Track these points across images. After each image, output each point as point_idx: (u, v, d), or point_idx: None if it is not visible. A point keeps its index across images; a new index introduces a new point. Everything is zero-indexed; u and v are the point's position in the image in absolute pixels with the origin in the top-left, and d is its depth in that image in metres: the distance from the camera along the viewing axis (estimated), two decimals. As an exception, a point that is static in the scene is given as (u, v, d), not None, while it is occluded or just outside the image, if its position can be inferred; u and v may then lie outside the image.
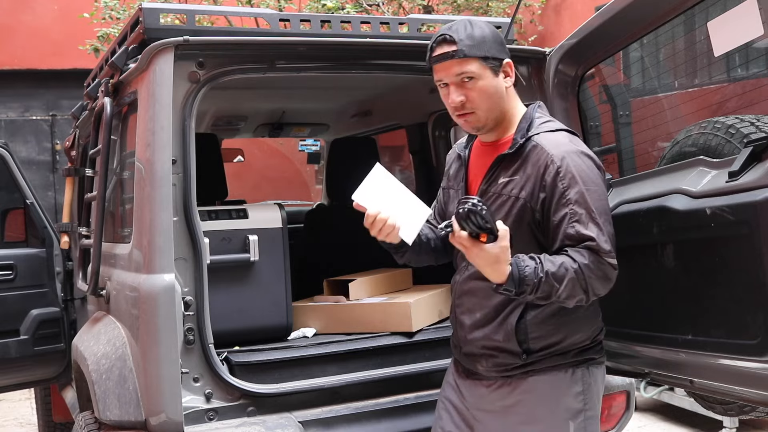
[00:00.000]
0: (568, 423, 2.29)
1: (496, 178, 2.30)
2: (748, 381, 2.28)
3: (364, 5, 7.92)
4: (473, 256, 2.09)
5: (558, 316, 2.27)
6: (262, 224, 3.09)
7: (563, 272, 2.12)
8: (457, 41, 2.21)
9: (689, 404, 5.10)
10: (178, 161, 2.57)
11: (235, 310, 2.98)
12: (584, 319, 2.33)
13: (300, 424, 2.62)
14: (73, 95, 8.61)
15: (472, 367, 2.41)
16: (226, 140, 5.26)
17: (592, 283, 2.15)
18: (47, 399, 4.78)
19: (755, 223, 2.09)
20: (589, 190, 2.19)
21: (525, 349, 2.27)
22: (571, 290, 2.13)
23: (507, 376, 2.32)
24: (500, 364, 2.31)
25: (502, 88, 2.28)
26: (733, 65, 4.89)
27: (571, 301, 2.17)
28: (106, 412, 2.55)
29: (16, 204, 4.20)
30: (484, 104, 2.26)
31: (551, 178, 2.19)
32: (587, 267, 2.13)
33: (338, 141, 4.49)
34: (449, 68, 2.24)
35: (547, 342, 2.28)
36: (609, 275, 2.18)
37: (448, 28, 2.26)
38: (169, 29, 2.71)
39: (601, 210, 2.20)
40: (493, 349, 2.31)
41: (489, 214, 2.04)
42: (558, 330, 2.28)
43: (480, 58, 2.22)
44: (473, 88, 2.24)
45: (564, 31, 6.84)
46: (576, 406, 2.30)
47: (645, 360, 2.68)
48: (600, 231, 2.16)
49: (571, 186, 2.18)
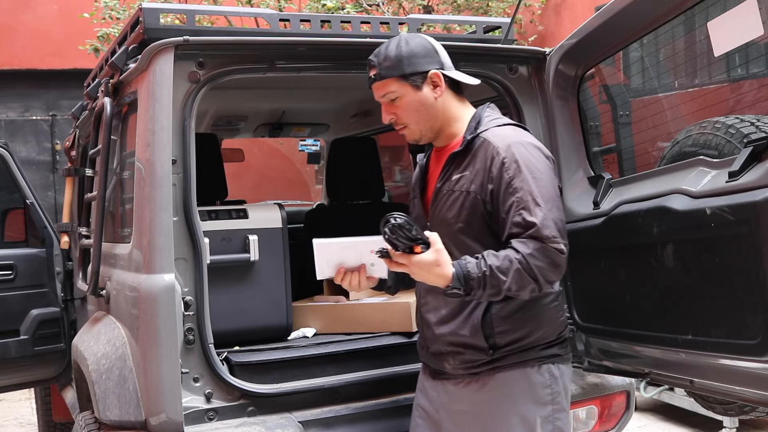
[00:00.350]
0: (536, 417, 2.33)
1: (450, 176, 2.37)
2: (748, 381, 2.28)
3: (364, 5, 7.92)
4: (414, 271, 2.17)
5: (523, 311, 2.32)
6: (262, 224, 3.10)
7: (508, 264, 2.16)
8: (376, 65, 2.36)
9: (689, 404, 5.10)
10: (178, 161, 2.57)
11: (235, 310, 2.98)
12: (549, 313, 2.38)
13: (300, 424, 2.62)
14: (73, 95, 8.61)
15: (439, 367, 2.44)
16: (226, 140, 5.26)
17: (541, 271, 2.19)
18: (47, 399, 4.78)
19: (755, 223, 2.09)
20: (535, 177, 2.24)
21: (491, 345, 2.31)
22: (519, 281, 2.17)
23: (474, 373, 2.35)
24: (467, 360, 2.35)
25: (429, 100, 2.36)
26: (733, 65, 4.89)
27: (524, 292, 2.21)
28: (106, 412, 2.56)
29: (16, 204, 4.20)
30: (411, 119, 2.37)
31: (497, 169, 2.26)
32: (531, 256, 2.17)
33: (338, 141, 4.49)
34: (375, 90, 2.40)
35: (513, 337, 2.32)
36: (557, 261, 2.21)
37: (374, 52, 2.39)
38: (169, 29, 2.71)
39: (547, 197, 2.24)
40: (459, 346, 2.36)
41: (412, 225, 2.12)
42: (524, 324, 2.33)
43: (398, 77, 2.33)
44: (398, 105, 2.37)
45: (564, 31, 6.84)
46: (544, 400, 2.34)
47: (645, 360, 2.68)
48: (544, 217, 2.21)
49: (516, 175, 2.23)
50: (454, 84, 2.42)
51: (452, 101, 2.41)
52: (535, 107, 3.03)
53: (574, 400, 2.91)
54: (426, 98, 2.35)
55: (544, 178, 2.27)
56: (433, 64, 2.36)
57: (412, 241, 2.13)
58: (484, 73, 2.99)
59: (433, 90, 2.36)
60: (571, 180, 2.99)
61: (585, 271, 2.88)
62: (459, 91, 2.45)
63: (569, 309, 2.96)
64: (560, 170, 3.00)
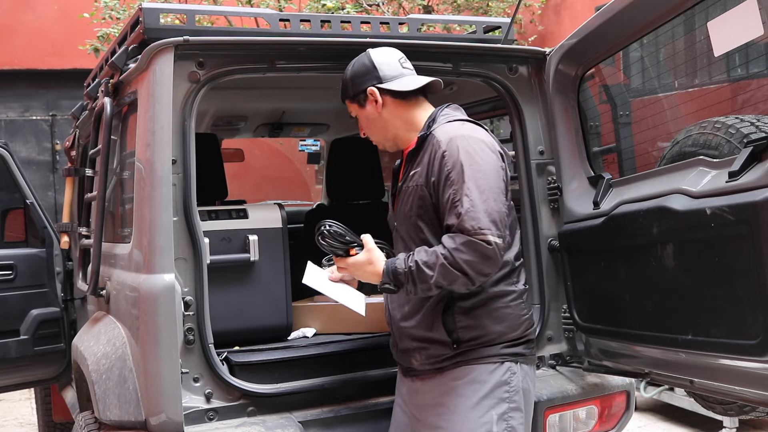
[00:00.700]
0: (492, 414, 2.36)
1: (408, 173, 2.47)
2: (748, 381, 2.29)
3: (364, 5, 7.92)
4: (353, 272, 2.41)
5: (484, 307, 2.39)
6: (262, 224, 3.09)
7: (434, 259, 2.25)
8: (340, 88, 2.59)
9: (689, 404, 5.10)
10: (178, 161, 2.57)
11: (235, 310, 2.98)
12: (510, 311, 2.43)
13: (300, 424, 2.62)
14: (73, 95, 8.61)
15: (408, 364, 2.53)
16: (226, 140, 5.26)
17: (469, 264, 2.23)
18: (47, 399, 4.78)
19: (755, 223, 2.09)
20: (472, 169, 2.29)
21: (455, 339, 2.39)
22: (446, 275, 2.24)
23: (439, 368, 2.42)
24: (432, 355, 2.43)
25: (374, 115, 2.52)
26: (733, 65, 4.89)
27: (456, 286, 2.28)
28: (106, 412, 2.55)
29: (16, 204, 4.20)
30: (369, 131, 2.58)
31: (438, 161, 2.34)
32: (457, 250, 2.23)
33: (338, 141, 4.48)
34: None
35: (475, 333, 2.39)
36: (485, 253, 2.24)
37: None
38: (169, 29, 2.70)
39: (483, 188, 2.28)
40: (424, 341, 2.44)
41: (343, 229, 2.37)
42: (485, 320, 2.39)
43: (349, 99, 2.57)
44: (359, 120, 2.59)
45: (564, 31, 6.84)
46: (501, 397, 2.38)
47: (645, 360, 2.68)
48: (470, 209, 2.24)
49: (454, 167, 2.30)
50: (401, 93, 2.50)
51: (400, 109, 2.51)
52: (535, 107, 3.03)
53: (574, 400, 2.91)
54: (370, 114, 2.52)
55: (482, 170, 2.30)
56: (371, 81, 2.50)
57: (346, 244, 2.37)
58: (484, 73, 2.99)
59: (375, 106, 2.50)
60: (571, 180, 2.99)
61: (585, 271, 2.88)
62: (409, 96, 2.51)
63: (569, 309, 2.97)
64: (560, 170, 3.01)
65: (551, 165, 3.03)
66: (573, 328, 2.98)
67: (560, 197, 3.00)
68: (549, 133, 3.03)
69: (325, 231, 2.38)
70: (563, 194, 3.00)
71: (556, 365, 3.04)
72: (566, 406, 2.91)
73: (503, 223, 2.28)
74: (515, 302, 2.44)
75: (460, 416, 2.37)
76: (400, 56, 2.56)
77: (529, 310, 2.51)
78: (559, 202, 3.01)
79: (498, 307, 2.40)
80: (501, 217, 2.28)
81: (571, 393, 2.92)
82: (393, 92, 2.49)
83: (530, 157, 3.01)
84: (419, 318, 2.45)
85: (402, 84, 2.49)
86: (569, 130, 3.00)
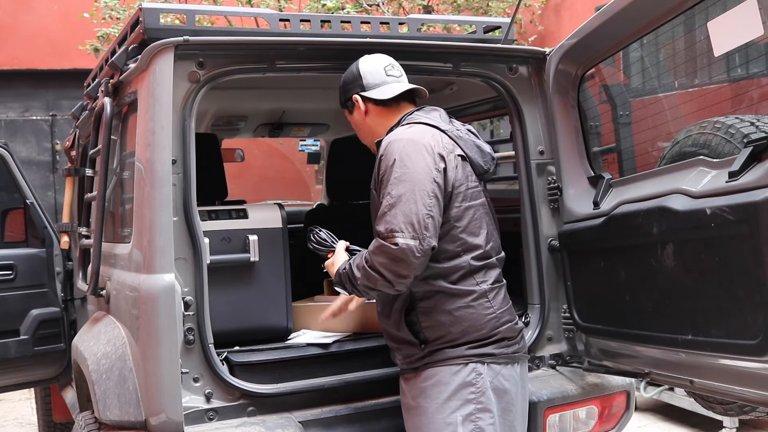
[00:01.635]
0: (456, 415, 2.40)
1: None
2: (748, 381, 2.29)
3: (364, 5, 7.92)
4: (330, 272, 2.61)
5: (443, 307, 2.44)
6: (262, 224, 3.09)
7: (360, 261, 2.41)
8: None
9: (689, 404, 5.10)
10: (178, 161, 2.57)
11: (235, 310, 2.98)
12: (472, 310, 2.45)
13: (300, 424, 2.62)
14: (73, 95, 8.62)
15: (395, 363, 2.63)
16: (226, 140, 5.26)
17: (384, 266, 2.33)
18: (47, 399, 4.78)
19: (755, 223, 2.09)
20: (400, 171, 2.36)
21: (422, 339, 2.46)
22: (367, 276, 2.38)
23: (414, 368, 2.49)
24: (406, 355, 2.52)
25: (360, 120, 2.66)
26: (733, 65, 4.89)
27: (380, 287, 2.38)
28: (106, 412, 2.55)
29: (16, 204, 4.20)
30: (359, 135, 2.73)
31: (377, 165, 2.47)
32: (372, 253, 2.36)
33: (338, 141, 4.49)
34: None
35: (439, 332, 2.44)
36: (394, 255, 2.31)
37: None
38: (169, 29, 2.71)
39: (404, 190, 2.34)
40: (397, 341, 2.54)
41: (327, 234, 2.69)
42: (446, 318, 2.44)
43: (342, 106, 2.71)
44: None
45: (564, 31, 6.84)
46: (467, 398, 2.41)
47: (645, 360, 2.68)
48: (382, 213, 2.34)
49: (385, 171, 2.40)
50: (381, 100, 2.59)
51: (382, 116, 2.62)
52: (535, 107, 3.03)
53: (574, 400, 2.91)
54: (357, 120, 2.67)
55: (408, 173, 2.35)
56: (355, 89, 2.61)
57: (326, 249, 2.67)
58: (484, 73, 2.99)
59: (360, 112, 2.63)
60: (571, 180, 2.99)
61: (585, 271, 2.88)
62: (390, 104, 2.60)
63: (569, 309, 2.96)
64: (560, 170, 3.00)
65: (551, 165, 3.03)
66: (573, 328, 2.98)
67: (560, 197, 3.00)
68: (549, 133, 3.03)
69: (311, 237, 2.71)
70: (563, 194, 2.99)
71: (556, 365, 3.04)
72: (566, 406, 2.91)
73: (422, 225, 2.31)
74: (477, 302, 2.46)
75: (426, 418, 2.43)
76: (387, 63, 2.62)
77: (497, 308, 2.49)
78: (559, 202, 3.01)
79: (458, 306, 2.44)
80: (420, 219, 2.31)
81: (571, 393, 2.92)
82: (374, 100, 2.60)
83: (530, 157, 3.01)
84: (389, 318, 2.54)
85: (381, 92, 2.58)
86: (569, 130, 3.00)
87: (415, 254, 2.30)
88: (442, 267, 2.44)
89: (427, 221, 2.32)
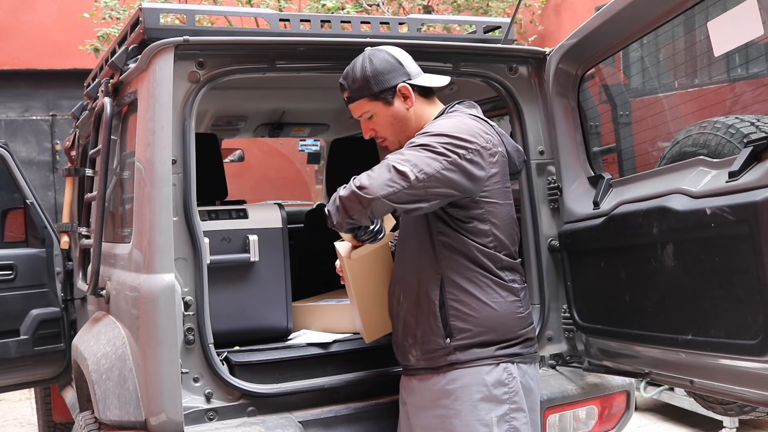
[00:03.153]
0: (492, 416, 2.36)
1: None
2: (748, 381, 2.28)
3: (364, 5, 7.92)
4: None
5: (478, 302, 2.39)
6: (262, 224, 3.09)
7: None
8: (347, 88, 2.49)
9: (689, 404, 5.10)
10: (178, 161, 2.57)
11: (235, 311, 2.98)
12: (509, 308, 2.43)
13: (300, 424, 2.62)
14: (73, 95, 8.63)
15: (405, 361, 2.53)
16: (226, 140, 5.26)
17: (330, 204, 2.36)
18: (47, 399, 4.78)
19: (755, 223, 2.09)
20: (426, 133, 2.32)
21: (448, 333, 2.39)
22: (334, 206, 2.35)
23: (435, 367, 2.42)
24: (427, 350, 2.43)
25: (402, 112, 2.47)
26: (733, 65, 4.89)
27: (348, 201, 2.33)
28: (106, 412, 2.55)
29: (16, 204, 4.20)
30: (388, 132, 2.50)
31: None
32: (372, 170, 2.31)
33: (338, 141, 4.49)
34: (352, 110, 2.54)
35: (467, 325, 2.38)
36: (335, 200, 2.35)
37: (343, 74, 2.51)
38: (169, 29, 2.71)
39: (420, 143, 2.29)
40: (417, 334, 2.45)
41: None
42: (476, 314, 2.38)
43: (368, 98, 2.46)
44: (375, 122, 2.50)
45: (564, 31, 6.84)
46: (500, 399, 2.38)
47: (645, 360, 2.68)
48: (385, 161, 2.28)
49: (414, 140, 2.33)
50: (423, 90, 2.50)
51: (423, 106, 2.50)
52: (535, 107, 3.03)
53: (574, 400, 2.91)
54: (398, 111, 2.47)
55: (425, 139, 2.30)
56: (400, 77, 2.46)
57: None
58: (484, 73, 2.99)
59: (404, 102, 2.47)
60: (571, 180, 2.99)
61: (585, 271, 2.88)
62: (429, 94, 2.53)
63: (569, 309, 2.96)
64: (560, 170, 3.01)
65: (551, 165, 3.03)
66: (573, 328, 2.98)
67: (560, 197, 3.00)
68: (549, 133, 3.03)
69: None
70: (563, 194, 3.00)
71: (556, 365, 3.04)
72: (566, 406, 2.91)
73: (424, 168, 2.25)
74: (509, 299, 2.44)
75: (459, 420, 2.37)
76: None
77: (525, 309, 2.50)
78: (559, 202, 3.01)
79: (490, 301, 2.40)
80: (422, 161, 2.26)
81: (571, 393, 2.92)
82: (421, 88, 2.49)
83: (530, 157, 3.01)
84: (420, 306, 2.45)
85: (431, 81, 2.49)
86: (569, 130, 3.00)
87: (415, 178, 2.23)
88: (479, 260, 2.40)
89: (426, 164, 2.25)
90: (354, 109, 2.53)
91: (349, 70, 2.50)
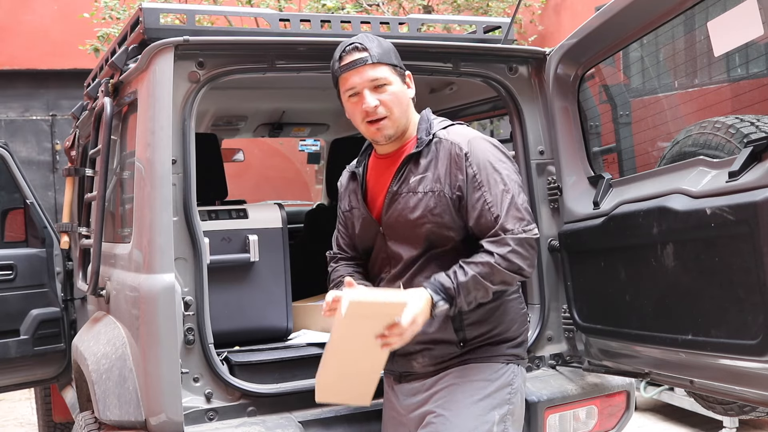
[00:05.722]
0: (494, 414, 2.34)
1: (406, 178, 2.36)
2: (748, 381, 2.28)
3: (364, 5, 7.92)
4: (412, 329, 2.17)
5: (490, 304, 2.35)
6: (262, 224, 3.09)
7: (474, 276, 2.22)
8: (368, 48, 2.30)
9: (689, 404, 5.10)
10: (178, 161, 2.57)
11: (235, 311, 2.98)
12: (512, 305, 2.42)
13: (300, 424, 2.62)
14: (73, 95, 8.62)
15: (407, 368, 2.44)
16: (226, 140, 5.26)
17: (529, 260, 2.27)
18: (47, 399, 4.78)
19: (755, 223, 2.09)
20: (502, 167, 2.30)
21: (461, 338, 2.36)
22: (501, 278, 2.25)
23: (444, 367, 2.38)
24: (437, 356, 2.38)
25: (408, 97, 2.38)
26: (733, 65, 4.89)
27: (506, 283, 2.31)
28: (106, 412, 2.55)
29: (16, 204, 4.20)
30: (396, 109, 2.32)
31: (462, 163, 2.29)
32: (513, 252, 2.23)
33: (338, 141, 4.49)
34: (362, 73, 2.29)
35: (481, 330, 2.36)
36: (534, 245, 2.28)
37: (355, 38, 2.34)
38: (169, 29, 2.71)
39: (513, 184, 2.30)
40: (429, 343, 2.36)
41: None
42: (490, 316, 2.37)
43: (390, 65, 2.32)
44: (386, 92, 2.31)
45: (564, 31, 6.84)
46: (504, 398, 2.36)
47: (645, 360, 2.68)
48: (513, 208, 2.26)
49: (481, 170, 2.28)
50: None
51: (412, 107, 2.45)
52: (535, 107, 3.03)
53: (574, 400, 2.91)
54: (405, 94, 2.37)
55: (508, 168, 2.33)
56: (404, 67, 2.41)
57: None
58: (484, 73, 2.99)
59: (409, 89, 2.40)
60: (571, 180, 2.99)
61: (585, 271, 2.88)
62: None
63: (569, 309, 2.97)
64: (560, 170, 3.01)
65: (551, 165, 3.03)
66: (573, 328, 2.98)
67: (560, 197, 3.00)
68: (549, 133, 3.03)
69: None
70: (563, 194, 3.00)
71: (556, 365, 3.04)
72: (566, 406, 2.91)
73: (530, 212, 2.34)
74: (513, 296, 2.44)
75: (463, 408, 2.33)
76: None
77: (526, 313, 2.51)
78: (559, 202, 3.01)
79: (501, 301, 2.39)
80: (528, 209, 2.33)
81: (571, 393, 2.92)
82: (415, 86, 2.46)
83: (530, 157, 3.01)
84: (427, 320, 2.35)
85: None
86: (569, 130, 3.00)
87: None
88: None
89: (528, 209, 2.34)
90: (366, 71, 2.28)
91: (364, 37, 2.33)
